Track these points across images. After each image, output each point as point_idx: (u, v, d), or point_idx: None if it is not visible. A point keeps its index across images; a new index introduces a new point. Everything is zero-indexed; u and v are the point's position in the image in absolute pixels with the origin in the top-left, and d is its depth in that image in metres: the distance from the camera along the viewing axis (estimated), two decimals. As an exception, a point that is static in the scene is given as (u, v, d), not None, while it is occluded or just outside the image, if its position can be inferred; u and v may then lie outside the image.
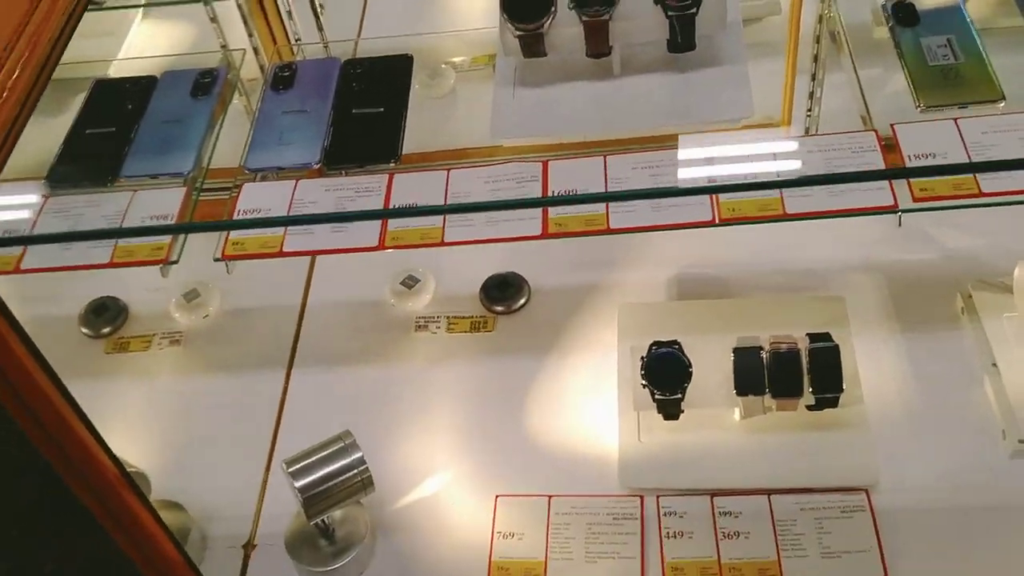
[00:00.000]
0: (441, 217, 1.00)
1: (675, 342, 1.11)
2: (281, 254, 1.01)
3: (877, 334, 1.23)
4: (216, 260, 1.02)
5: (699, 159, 0.99)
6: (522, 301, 1.39)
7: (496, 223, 0.99)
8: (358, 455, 1.07)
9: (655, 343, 1.12)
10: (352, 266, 1.44)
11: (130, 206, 1.07)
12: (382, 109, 1.11)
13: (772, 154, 0.97)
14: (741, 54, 1.02)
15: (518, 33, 0.99)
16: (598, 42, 1.00)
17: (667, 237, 1.24)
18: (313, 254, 1.01)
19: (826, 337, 1.09)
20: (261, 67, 1.31)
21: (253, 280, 1.40)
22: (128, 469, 0.98)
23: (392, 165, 1.06)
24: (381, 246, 0.99)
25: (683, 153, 0.99)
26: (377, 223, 1.01)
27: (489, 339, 1.36)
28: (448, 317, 1.39)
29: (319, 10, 1.35)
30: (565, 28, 1.00)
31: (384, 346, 1.38)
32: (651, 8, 0.98)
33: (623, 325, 1.29)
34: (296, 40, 1.33)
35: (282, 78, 1.16)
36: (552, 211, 0.98)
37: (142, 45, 1.64)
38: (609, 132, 1.03)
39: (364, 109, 1.11)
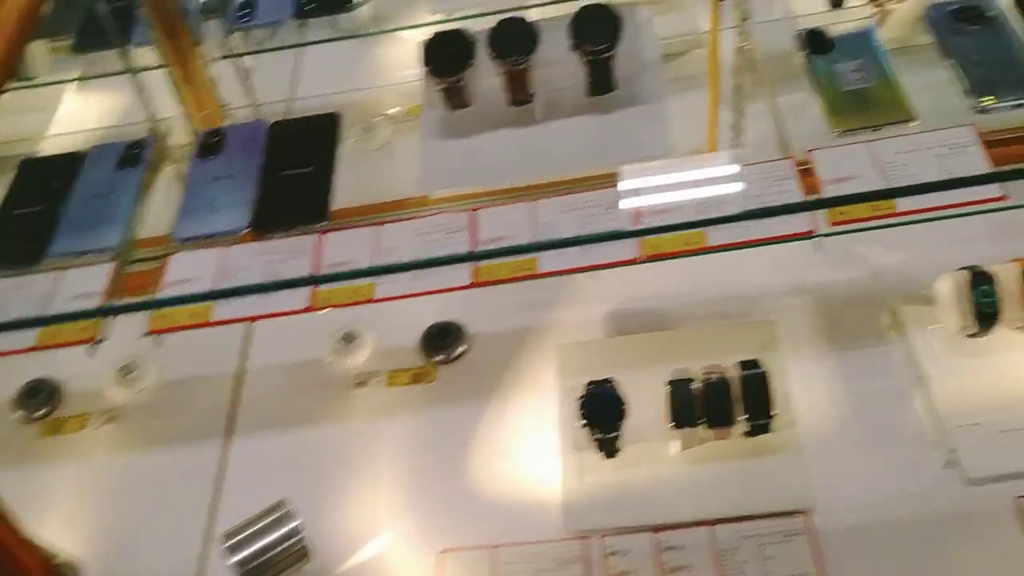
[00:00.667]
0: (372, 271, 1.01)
1: (609, 380, 1.13)
2: (210, 324, 1.01)
3: (808, 355, 1.26)
4: (145, 336, 1.01)
5: (625, 195, 1.01)
6: (461, 349, 1.39)
7: (426, 276, 1.00)
8: (294, 524, 1.06)
9: (590, 383, 1.13)
10: (290, 326, 1.41)
11: (58, 286, 1.06)
12: (310, 169, 1.12)
13: (694, 185, 1.00)
14: (660, 92, 1.05)
15: (440, 87, 1.01)
16: (519, 90, 1.03)
17: (601, 273, 1.26)
18: (243, 321, 1.01)
19: (755, 364, 1.12)
20: (195, 132, 1.31)
21: (190, 348, 1.36)
22: (58, 559, 0.95)
23: (322, 225, 1.07)
24: (311, 308, 1.00)
25: (607, 194, 1.01)
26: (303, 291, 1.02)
27: (430, 390, 1.36)
28: (388, 371, 1.39)
29: (246, 74, 1.36)
30: (486, 78, 1.02)
31: (324, 406, 1.37)
32: (568, 54, 1.01)
33: (562, 365, 1.30)
34: (225, 106, 1.33)
35: (210, 144, 1.17)
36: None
37: (73, 119, 1.64)
38: (535, 177, 1.06)
39: (292, 170, 1.12)
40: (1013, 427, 1.13)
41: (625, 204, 0.98)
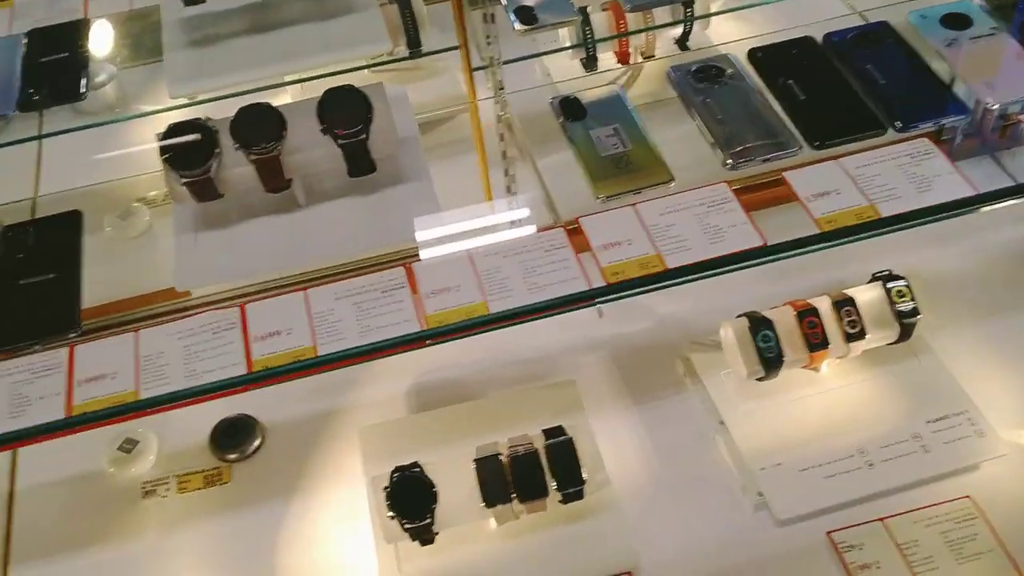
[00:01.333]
0: (133, 378, 0.92)
1: (415, 464, 1.07)
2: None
3: (611, 411, 1.25)
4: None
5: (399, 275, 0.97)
6: (256, 443, 1.30)
7: (198, 376, 0.91)
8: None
9: (396, 469, 1.07)
10: (61, 439, 1.30)
11: None
12: (52, 275, 1.01)
13: (471, 265, 0.97)
14: (421, 168, 1.02)
15: (184, 180, 0.93)
16: (273, 177, 0.97)
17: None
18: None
19: (560, 431, 1.09)
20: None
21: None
22: None
23: (74, 335, 0.96)
24: (68, 430, 0.90)
25: (383, 276, 0.97)
26: (60, 398, 0.91)
27: (226, 492, 1.26)
28: (177, 476, 1.27)
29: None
30: (235, 168, 0.95)
31: (110, 523, 1.24)
32: (322, 138, 0.96)
33: (367, 451, 1.23)
34: None
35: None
36: (255, 351, 0.92)
37: None
38: (301, 265, 1.00)
39: (32, 278, 1.01)
40: (812, 463, 1.15)
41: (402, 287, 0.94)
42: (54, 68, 1.19)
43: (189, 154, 0.93)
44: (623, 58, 1.44)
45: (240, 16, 1.22)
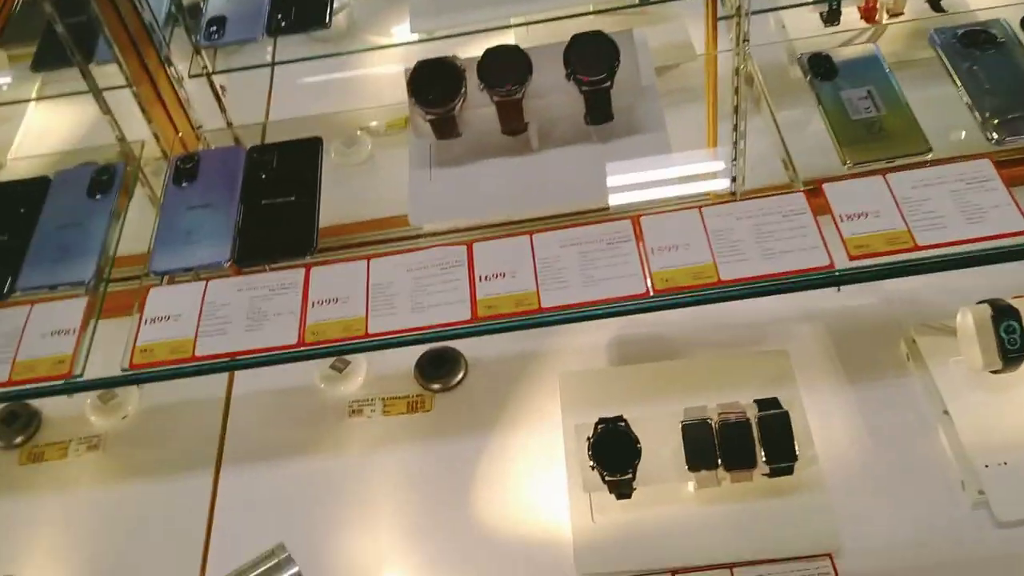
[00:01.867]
0: (364, 306, 0.95)
1: (620, 418, 1.06)
2: (194, 359, 0.94)
3: (824, 387, 1.20)
4: (124, 371, 0.95)
5: (626, 228, 0.95)
6: (459, 376, 1.32)
7: (423, 309, 0.93)
8: (293, 571, 0.99)
9: (601, 420, 1.07)
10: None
11: (28, 320, 0.99)
12: (293, 198, 1.05)
13: (702, 222, 0.94)
14: (659, 120, 0.99)
15: (429, 117, 0.94)
16: (512, 120, 0.96)
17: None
18: (228, 357, 0.95)
19: (774, 403, 1.05)
20: (164, 154, 1.24)
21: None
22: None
23: (308, 258, 1.00)
24: (301, 343, 0.93)
25: (615, 228, 0.95)
26: (294, 317, 0.95)
27: (428, 419, 1.29)
28: (383, 399, 1.32)
29: (221, 93, 1.28)
30: (477, 108, 0.95)
31: (318, 436, 1.30)
32: (564, 83, 0.94)
33: (565, 396, 1.24)
34: (198, 127, 1.25)
35: (184, 171, 1.10)
36: (480, 291, 0.93)
37: (35, 139, 1.56)
38: (530, 210, 0.99)
39: (274, 199, 1.05)
40: (1044, 467, 1.06)
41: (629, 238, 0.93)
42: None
43: (436, 91, 0.93)
44: (869, 15, 1.36)
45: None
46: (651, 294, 0.90)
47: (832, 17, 1.35)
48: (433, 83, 0.94)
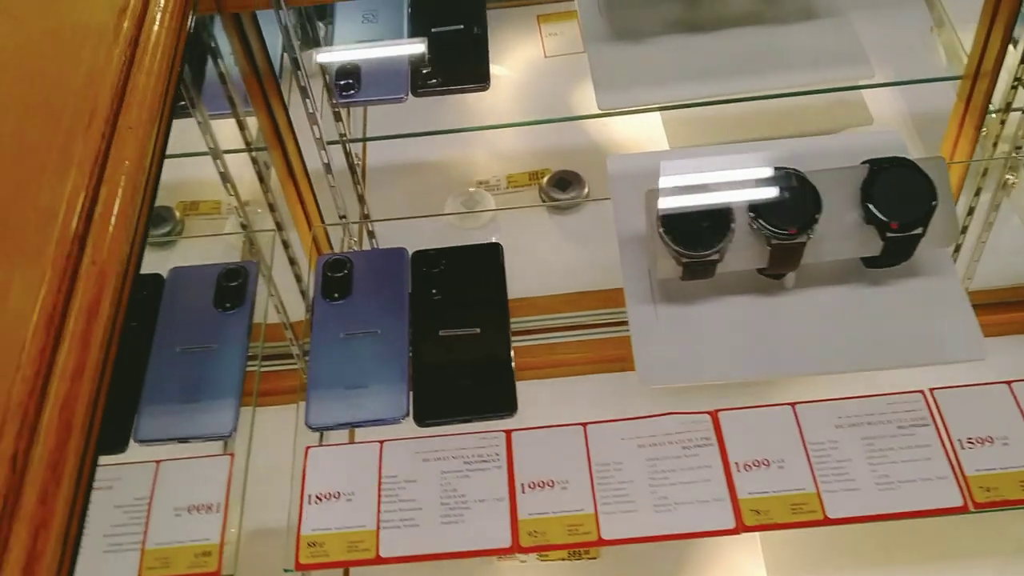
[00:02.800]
0: (589, 495, 0.76)
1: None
2: (379, 560, 0.75)
3: None
4: (287, 572, 0.75)
5: (919, 406, 0.77)
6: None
7: (670, 509, 0.74)
8: None
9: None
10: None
11: (155, 487, 0.79)
12: (478, 330, 0.85)
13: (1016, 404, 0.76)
14: (945, 258, 0.80)
15: (686, 260, 0.74)
16: (785, 266, 0.77)
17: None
18: (421, 560, 0.76)
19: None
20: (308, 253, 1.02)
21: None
22: None
23: (508, 416, 0.80)
24: (516, 547, 0.74)
25: (905, 403, 0.77)
26: (503, 508, 0.76)
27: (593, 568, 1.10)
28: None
29: (357, 169, 1.06)
30: (745, 251, 0.75)
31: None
32: (859, 226, 0.75)
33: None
34: (342, 218, 1.03)
35: (334, 280, 0.89)
36: (740, 486, 0.74)
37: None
38: (790, 371, 0.80)
39: (454, 329, 0.86)
40: None
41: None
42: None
43: (697, 229, 0.73)
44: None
45: (677, 14, 1.00)
46: (970, 508, 0.72)
47: None
48: (695, 216, 0.74)
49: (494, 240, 0.92)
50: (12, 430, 0.48)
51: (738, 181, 0.76)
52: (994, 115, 0.93)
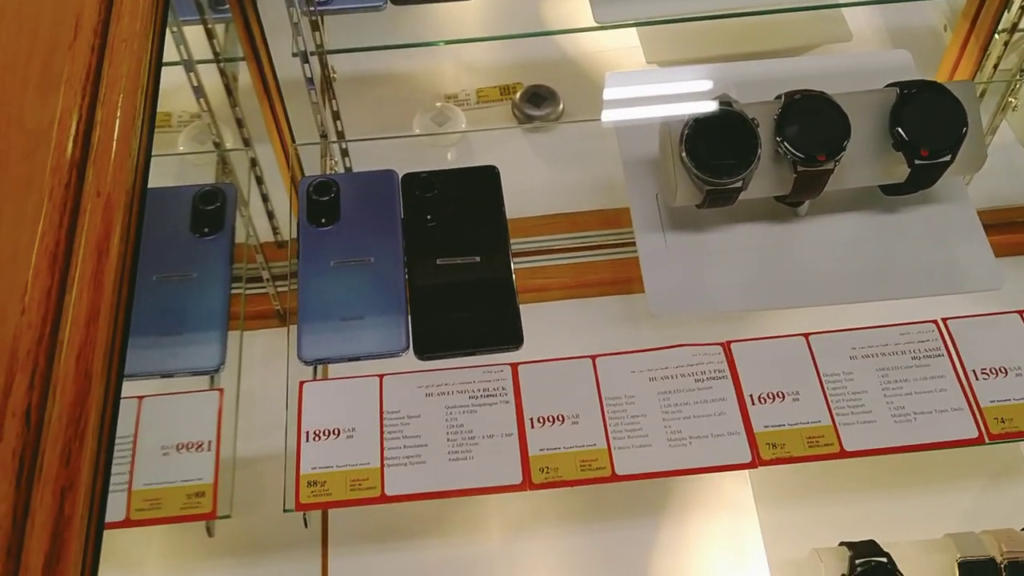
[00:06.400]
0: (602, 429, 0.73)
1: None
2: (384, 499, 0.72)
3: None
4: (287, 511, 0.72)
5: (932, 336, 0.76)
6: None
7: (684, 443, 0.73)
8: None
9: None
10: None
11: (139, 424, 0.75)
12: (478, 258, 0.81)
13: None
14: (959, 184, 0.78)
15: (709, 188, 0.71)
16: (807, 192, 0.74)
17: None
18: (429, 498, 0.73)
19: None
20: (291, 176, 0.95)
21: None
22: None
23: (513, 349, 0.77)
24: (527, 484, 0.72)
25: (920, 332, 0.76)
26: (512, 443, 0.73)
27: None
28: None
29: (331, 80, 0.99)
30: (767, 177, 0.72)
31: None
32: (885, 152, 0.72)
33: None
34: (323, 136, 0.97)
35: (320, 204, 0.84)
36: (755, 419, 0.73)
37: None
38: (804, 301, 0.78)
39: (451, 257, 0.81)
40: None
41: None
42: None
43: (723, 155, 0.70)
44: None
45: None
46: (986, 440, 0.72)
47: None
48: (719, 142, 0.70)
49: (488, 163, 0.87)
50: (23, 382, 0.43)
51: (761, 103, 0.73)
52: (997, 36, 0.91)
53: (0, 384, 0.43)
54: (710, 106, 0.72)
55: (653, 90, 0.87)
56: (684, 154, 0.70)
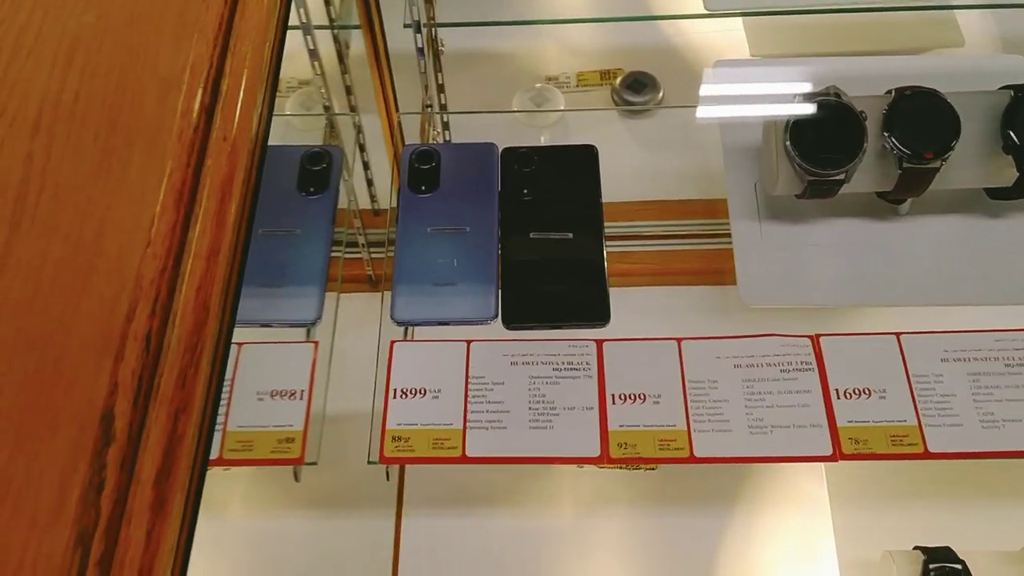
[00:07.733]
0: (683, 410, 0.74)
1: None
2: (465, 459, 0.74)
3: None
4: (371, 463, 0.74)
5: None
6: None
7: (765, 431, 0.73)
8: None
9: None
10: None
11: (237, 369, 0.78)
12: (571, 235, 0.82)
13: None
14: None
15: (811, 178, 0.71)
16: (911, 190, 0.73)
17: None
18: (507, 462, 0.75)
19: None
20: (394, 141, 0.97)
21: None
22: None
23: (600, 325, 0.78)
24: (605, 458, 0.73)
25: (1014, 339, 0.74)
26: (593, 417, 0.74)
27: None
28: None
29: (439, 52, 1.02)
30: (871, 173, 0.72)
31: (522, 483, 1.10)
32: (994, 154, 0.71)
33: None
34: (428, 107, 0.99)
35: (421, 172, 0.86)
36: (839, 414, 0.73)
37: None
38: (895, 300, 0.77)
39: (546, 232, 0.83)
40: None
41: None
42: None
43: (827, 146, 0.70)
44: None
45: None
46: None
47: None
48: (825, 133, 0.70)
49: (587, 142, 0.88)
50: (145, 309, 0.46)
51: (870, 97, 0.72)
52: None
53: (124, 310, 0.45)
54: (817, 96, 0.71)
55: (759, 80, 0.86)
56: (788, 143, 0.70)
